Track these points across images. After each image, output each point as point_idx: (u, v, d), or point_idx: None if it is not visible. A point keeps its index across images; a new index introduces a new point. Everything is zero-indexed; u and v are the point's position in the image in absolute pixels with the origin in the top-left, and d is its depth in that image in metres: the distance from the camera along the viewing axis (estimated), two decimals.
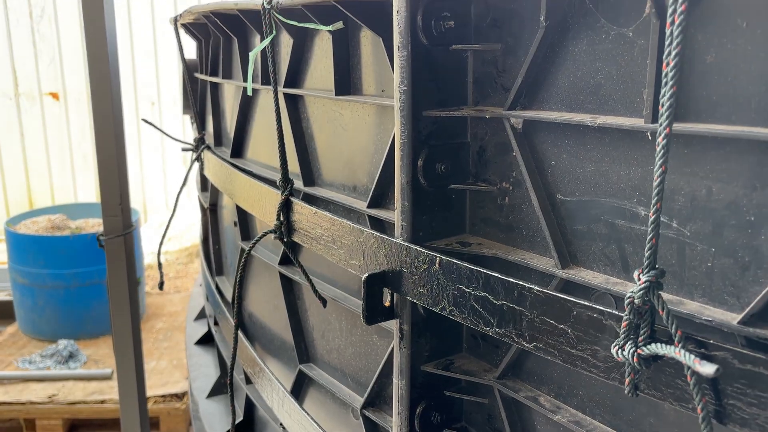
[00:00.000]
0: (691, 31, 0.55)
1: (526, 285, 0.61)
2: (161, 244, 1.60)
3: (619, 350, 0.54)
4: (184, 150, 1.69)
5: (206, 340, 1.91)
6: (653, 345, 0.52)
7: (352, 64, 0.94)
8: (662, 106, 0.49)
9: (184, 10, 1.45)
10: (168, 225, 1.59)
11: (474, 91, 0.75)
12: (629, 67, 0.60)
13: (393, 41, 0.74)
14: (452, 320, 0.78)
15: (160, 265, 1.58)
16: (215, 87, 1.53)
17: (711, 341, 0.50)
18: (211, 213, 1.66)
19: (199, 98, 1.69)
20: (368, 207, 0.90)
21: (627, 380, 0.55)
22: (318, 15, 0.90)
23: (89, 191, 7.07)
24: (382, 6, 0.81)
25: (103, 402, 3.03)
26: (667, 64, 0.48)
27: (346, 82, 0.95)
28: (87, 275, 3.66)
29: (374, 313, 0.80)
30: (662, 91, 0.49)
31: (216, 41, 1.45)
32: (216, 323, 1.63)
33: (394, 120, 0.80)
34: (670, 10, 0.48)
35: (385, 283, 0.78)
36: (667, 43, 0.48)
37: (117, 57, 1.78)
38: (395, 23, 0.72)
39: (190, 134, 6.24)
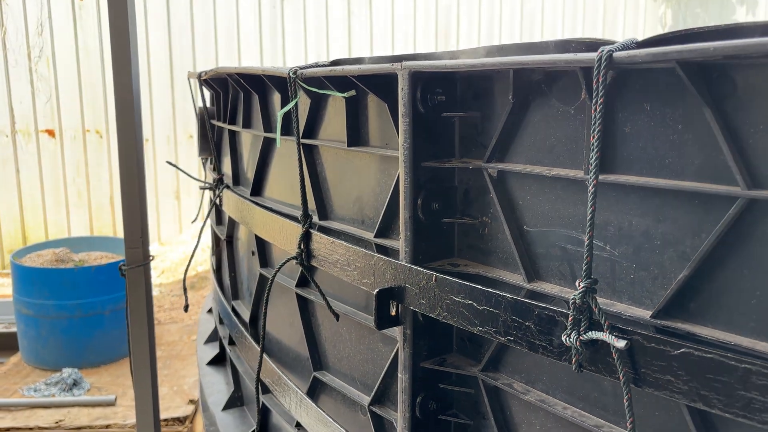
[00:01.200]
0: (615, 110, 0.77)
1: (500, 293, 0.83)
2: (186, 272, 1.79)
3: (567, 338, 0.75)
4: (202, 188, 1.90)
5: (217, 361, 2.10)
6: (590, 332, 0.73)
7: (361, 121, 1.16)
8: (590, 165, 0.72)
9: (209, 69, 1.67)
10: (192, 255, 1.79)
11: (460, 147, 0.98)
12: (573, 134, 0.82)
13: (398, 109, 0.96)
14: (445, 325, 0.99)
15: (185, 289, 1.78)
16: (233, 134, 1.76)
17: (629, 328, 0.72)
18: (227, 244, 1.86)
19: (215, 143, 1.91)
20: (375, 237, 1.12)
21: (574, 360, 0.76)
22: (334, 83, 1.13)
23: (82, 226, 7.21)
24: (386, 78, 1.03)
25: (108, 426, 3.18)
26: (593, 137, 0.71)
27: (356, 136, 1.17)
28: (90, 306, 3.81)
29: (383, 320, 1.00)
30: (590, 155, 0.71)
31: (235, 95, 1.68)
32: (231, 342, 1.83)
33: (396, 167, 1.02)
34: (593, 101, 0.70)
35: (392, 297, 0.99)
36: (592, 122, 0.71)
37: (140, 101, 1.99)
38: (400, 96, 0.95)
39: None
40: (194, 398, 3.48)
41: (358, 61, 1.14)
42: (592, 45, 0.77)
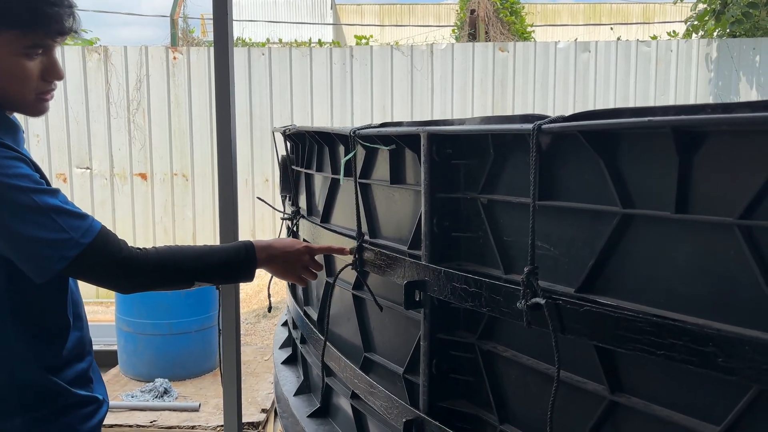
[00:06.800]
0: (553, 159, 1.20)
1: (482, 279, 1.26)
2: (270, 281, 2.28)
3: (519, 303, 1.17)
4: (282, 219, 2.40)
5: (289, 361, 2.57)
6: (533, 299, 1.16)
7: (399, 166, 1.63)
8: (531, 194, 1.15)
9: (290, 126, 2.19)
10: None
11: (463, 183, 1.42)
12: (528, 175, 1.25)
13: (421, 157, 1.42)
14: (453, 308, 1.43)
15: (269, 295, 2.27)
16: (308, 176, 2.26)
17: (559, 298, 1.13)
18: None
19: (294, 183, 2.42)
20: (408, 248, 1.57)
21: (525, 319, 1.18)
22: (381, 140, 1.60)
23: None
24: (414, 137, 1.49)
25: (193, 428, 3.69)
26: (532, 176, 1.15)
27: (396, 176, 1.63)
28: (179, 325, 4.38)
29: (411, 304, 1.45)
30: (532, 188, 1.15)
31: (311, 146, 2.19)
32: (302, 342, 2.30)
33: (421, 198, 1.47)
34: (531, 154, 1.14)
35: (416, 287, 1.44)
36: (531, 167, 1.15)
37: (236, 148, 2.51)
38: (422, 150, 1.41)
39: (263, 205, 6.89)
40: (266, 408, 3.95)
41: (398, 124, 1.61)
42: (538, 118, 1.21)
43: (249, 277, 1.50)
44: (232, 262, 1.46)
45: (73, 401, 1.39)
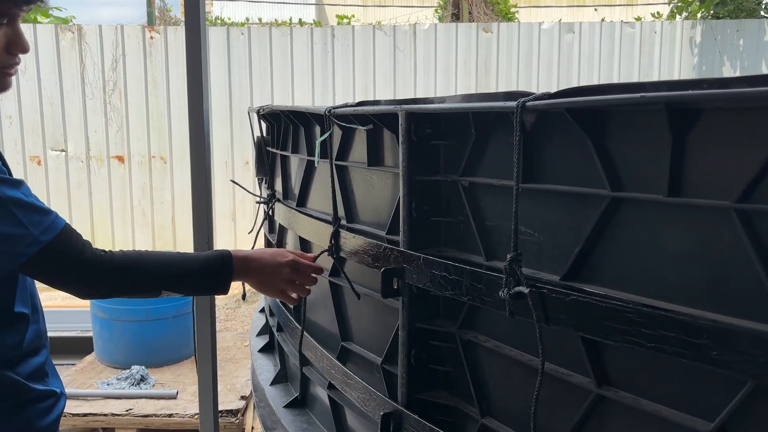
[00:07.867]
0: (537, 138, 1.13)
1: (463, 266, 1.19)
2: None
3: (502, 292, 1.11)
4: (258, 203, 2.32)
5: (266, 349, 2.50)
6: (516, 288, 1.09)
7: (377, 147, 1.55)
8: (515, 176, 1.08)
9: (265, 105, 2.10)
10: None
11: (443, 165, 1.35)
12: (511, 156, 1.18)
13: (399, 138, 1.35)
14: (433, 296, 1.36)
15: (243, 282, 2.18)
16: (284, 158, 2.18)
17: (544, 286, 1.07)
18: (277, 248, 2.28)
19: (269, 165, 2.34)
20: (386, 234, 1.49)
21: (507, 309, 1.11)
22: (358, 119, 1.52)
23: (146, 244, 7.74)
24: (392, 116, 1.41)
25: (170, 415, 3.62)
26: (515, 158, 1.08)
27: (374, 158, 1.56)
28: (156, 311, 4.29)
29: (388, 292, 1.38)
30: (515, 169, 1.08)
31: (286, 127, 2.10)
32: (279, 329, 2.22)
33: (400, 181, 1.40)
34: (514, 133, 1.07)
35: (394, 274, 1.37)
36: (515, 147, 1.07)
37: (210, 130, 2.41)
38: (400, 129, 1.33)
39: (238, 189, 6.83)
40: (245, 395, 3.89)
41: (376, 103, 1.53)
42: (523, 95, 1.13)
43: (223, 289, 1.38)
44: (204, 273, 1.34)
45: (30, 396, 1.31)
